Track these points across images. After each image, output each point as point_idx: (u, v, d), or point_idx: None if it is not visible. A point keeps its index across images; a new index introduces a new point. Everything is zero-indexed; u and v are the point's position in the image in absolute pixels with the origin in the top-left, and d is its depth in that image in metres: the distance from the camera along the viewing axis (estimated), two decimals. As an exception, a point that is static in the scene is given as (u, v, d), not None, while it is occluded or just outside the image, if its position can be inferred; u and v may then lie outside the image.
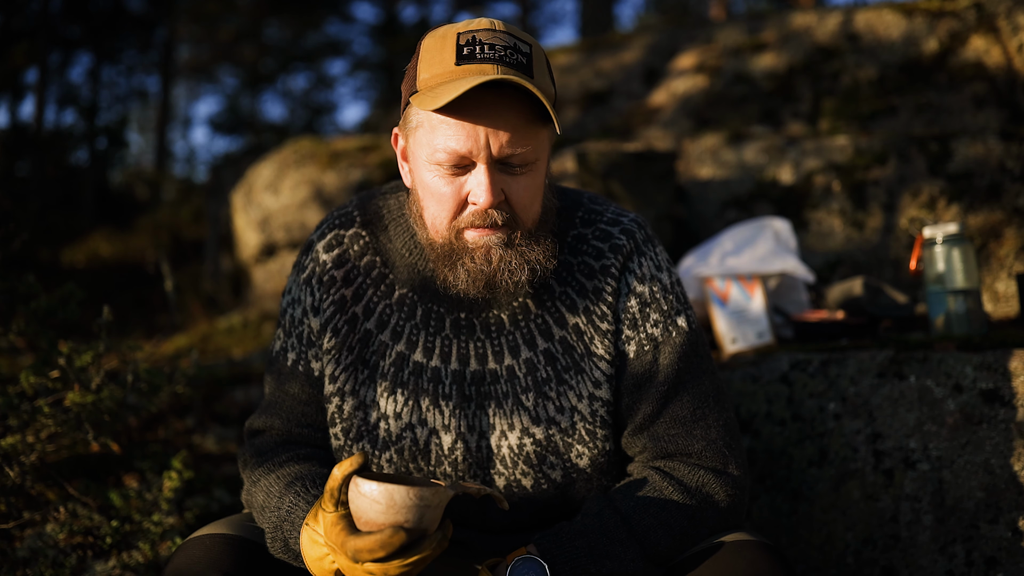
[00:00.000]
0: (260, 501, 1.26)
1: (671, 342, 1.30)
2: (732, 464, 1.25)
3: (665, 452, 1.27)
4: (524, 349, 1.30)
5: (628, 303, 1.31)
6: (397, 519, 1.00)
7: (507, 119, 1.14)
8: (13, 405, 1.84)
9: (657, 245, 1.37)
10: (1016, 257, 2.58)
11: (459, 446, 1.28)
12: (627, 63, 5.00)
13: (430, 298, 1.32)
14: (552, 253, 1.24)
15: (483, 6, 14.03)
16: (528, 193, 1.20)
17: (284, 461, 1.30)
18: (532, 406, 1.28)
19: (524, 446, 1.28)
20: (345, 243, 1.36)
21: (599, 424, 1.29)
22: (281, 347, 1.38)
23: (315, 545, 1.08)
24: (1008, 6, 3.77)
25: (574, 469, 1.29)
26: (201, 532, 1.23)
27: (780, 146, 3.23)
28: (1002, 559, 1.55)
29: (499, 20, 1.19)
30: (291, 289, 1.39)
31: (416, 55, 1.21)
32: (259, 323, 4.29)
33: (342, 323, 1.32)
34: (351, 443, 1.31)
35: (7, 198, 7.21)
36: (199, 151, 26.67)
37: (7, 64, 9.80)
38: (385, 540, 0.99)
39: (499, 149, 1.14)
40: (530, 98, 1.15)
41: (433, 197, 1.20)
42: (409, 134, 1.23)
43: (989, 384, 1.65)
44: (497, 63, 1.13)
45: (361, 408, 1.31)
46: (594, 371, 1.29)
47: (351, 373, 1.31)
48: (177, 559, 1.17)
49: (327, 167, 4.36)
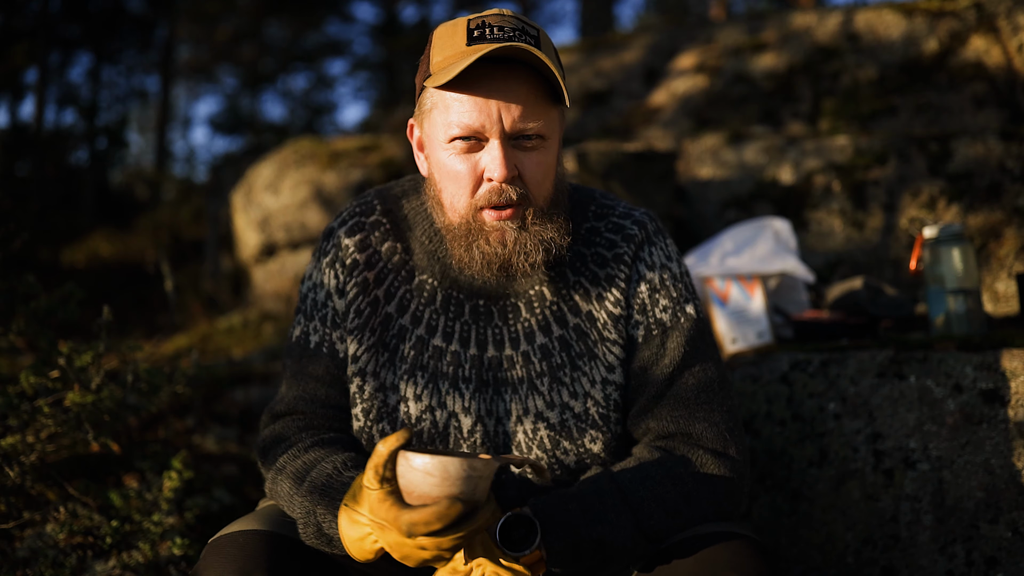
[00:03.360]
0: (287, 489, 1.24)
1: (679, 327, 1.32)
2: (733, 447, 1.27)
3: (667, 432, 1.29)
4: (539, 335, 1.33)
5: (639, 288, 1.34)
6: (452, 491, 1.00)
7: (518, 93, 1.18)
8: (13, 405, 1.84)
9: (667, 237, 1.41)
10: (1016, 257, 2.58)
11: (479, 429, 1.30)
12: (627, 63, 5.00)
13: (450, 284, 1.35)
14: (567, 231, 1.27)
15: (483, 6, 14.04)
16: (541, 169, 1.23)
17: (309, 446, 1.29)
18: (547, 391, 1.31)
19: (539, 431, 1.30)
20: (367, 229, 1.39)
21: (612, 408, 1.31)
22: (302, 331, 1.39)
23: (356, 525, 1.07)
24: (1008, 6, 3.77)
25: (588, 454, 1.31)
26: (231, 529, 1.21)
27: (780, 146, 3.23)
28: (1002, 559, 1.55)
29: (508, 10, 1.24)
30: (311, 275, 1.41)
31: (429, 44, 1.26)
32: (259, 323, 4.29)
33: (365, 305, 1.34)
34: (371, 424, 1.32)
35: (7, 198, 7.21)
36: (199, 151, 26.62)
37: (7, 64, 9.79)
38: (442, 511, 0.98)
39: (511, 123, 1.18)
40: (540, 75, 1.19)
41: (450, 176, 1.24)
42: (424, 119, 1.27)
43: (989, 384, 1.65)
44: (507, 41, 1.17)
45: (381, 390, 1.32)
46: (607, 356, 1.32)
47: (372, 355, 1.33)
48: (209, 556, 1.14)
49: (327, 167, 4.36)
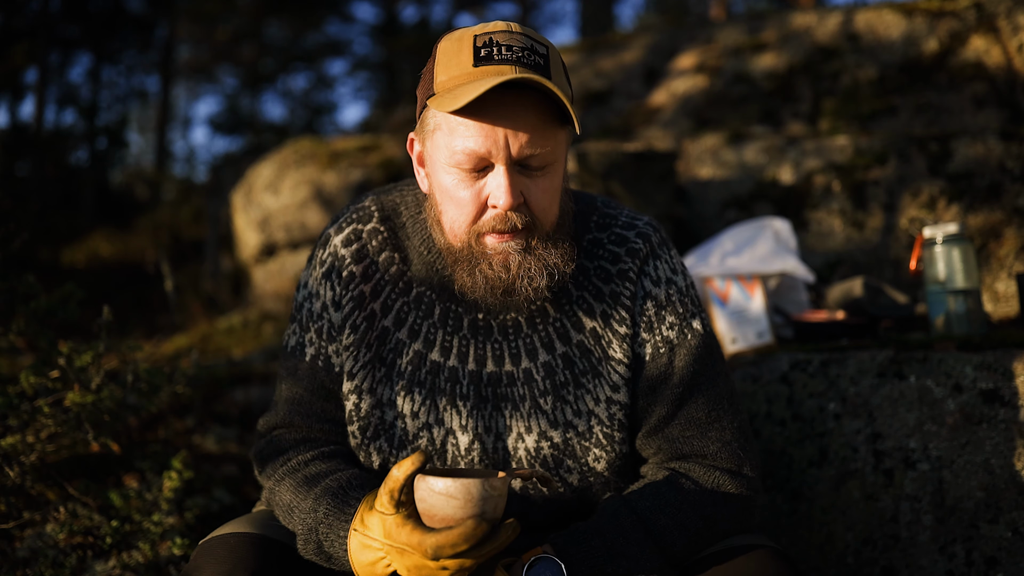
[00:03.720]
0: (287, 502, 1.23)
1: (686, 344, 1.30)
2: (747, 465, 1.26)
3: (680, 453, 1.27)
4: (542, 352, 1.29)
5: (644, 306, 1.31)
6: (474, 511, 1.01)
7: (526, 119, 1.13)
8: (13, 405, 1.84)
9: (672, 248, 1.38)
10: (1016, 257, 2.57)
11: (476, 447, 1.28)
12: (627, 63, 5.00)
13: (448, 297, 1.31)
14: (571, 256, 1.24)
15: (483, 6, 14.03)
16: (547, 195, 1.19)
17: (309, 460, 1.28)
18: (550, 409, 1.28)
19: (541, 449, 1.28)
20: (364, 238, 1.34)
21: (617, 427, 1.28)
22: (297, 342, 1.36)
23: (368, 550, 1.07)
24: (1008, 6, 3.77)
25: (591, 472, 1.29)
26: (222, 531, 1.21)
27: (780, 146, 3.23)
28: (1002, 559, 1.55)
29: (515, 23, 1.19)
30: (307, 283, 1.37)
31: (432, 58, 1.20)
32: (259, 323, 4.29)
33: (361, 319, 1.31)
34: (368, 441, 1.30)
35: (7, 198, 7.21)
36: (199, 151, 26.66)
37: (7, 64, 9.80)
38: (468, 532, 0.99)
39: (519, 150, 1.13)
40: (548, 98, 1.14)
41: (452, 201, 1.19)
42: (426, 137, 1.22)
43: (989, 384, 1.65)
44: (515, 64, 1.12)
45: (378, 407, 1.30)
46: (612, 375, 1.29)
47: (368, 371, 1.30)
48: (199, 558, 1.15)
49: (327, 167, 4.35)
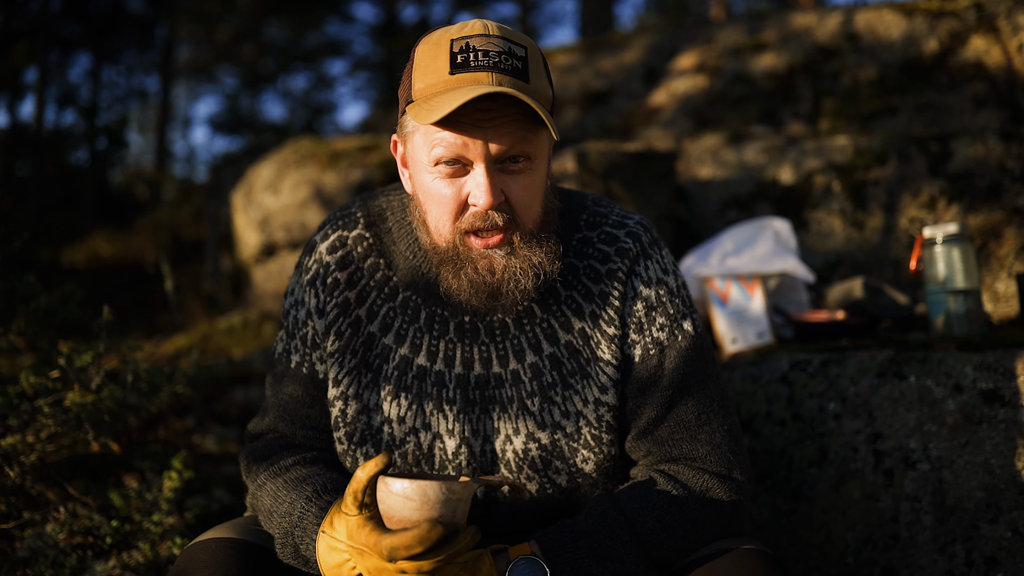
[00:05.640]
0: (267, 505, 1.24)
1: (676, 346, 1.29)
2: (736, 469, 1.25)
3: (669, 456, 1.27)
4: (529, 353, 1.29)
5: (634, 307, 1.30)
6: (431, 514, 1.00)
7: (504, 125, 1.13)
8: (13, 405, 1.84)
9: (663, 248, 1.36)
10: (1016, 257, 2.57)
11: (463, 451, 1.28)
12: (627, 63, 5.00)
13: (433, 301, 1.31)
14: (556, 255, 1.23)
15: (483, 6, 14.02)
16: (528, 192, 1.19)
17: (290, 465, 1.29)
18: (538, 411, 1.27)
19: (529, 451, 1.27)
20: (349, 244, 1.35)
21: (605, 429, 1.28)
22: (284, 349, 1.37)
23: (334, 552, 1.07)
24: (1008, 6, 3.77)
25: (580, 474, 1.28)
26: (206, 536, 1.22)
27: (780, 146, 3.23)
28: (1002, 559, 1.55)
29: (493, 22, 1.18)
30: (294, 290, 1.38)
31: (411, 61, 1.20)
32: (259, 323, 4.28)
33: (346, 326, 1.31)
34: (355, 447, 1.30)
35: (7, 198, 7.21)
36: (199, 151, 26.68)
37: (7, 64, 9.79)
38: (423, 535, 0.98)
39: (498, 152, 1.14)
40: (527, 104, 1.14)
41: (434, 200, 1.19)
42: (407, 139, 1.22)
43: (989, 384, 1.65)
44: (492, 70, 1.12)
45: (365, 412, 1.30)
46: (600, 376, 1.28)
47: (355, 377, 1.30)
48: (182, 563, 1.16)
49: (327, 167, 4.35)
